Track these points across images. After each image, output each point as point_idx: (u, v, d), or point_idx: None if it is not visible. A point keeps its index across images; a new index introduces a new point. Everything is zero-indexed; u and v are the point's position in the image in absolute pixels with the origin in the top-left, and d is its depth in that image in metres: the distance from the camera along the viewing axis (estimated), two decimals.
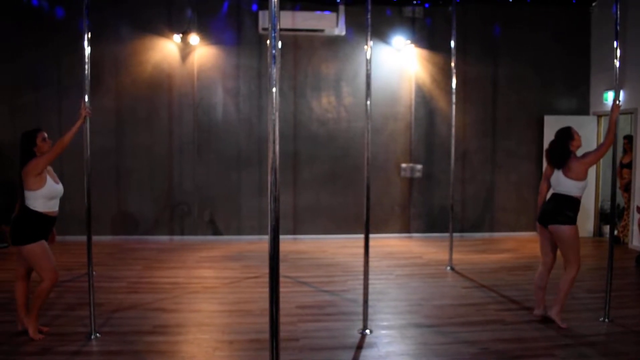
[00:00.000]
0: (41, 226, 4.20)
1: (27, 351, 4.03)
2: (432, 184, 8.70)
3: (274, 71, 2.39)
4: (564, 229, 4.54)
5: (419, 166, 8.63)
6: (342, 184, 8.51)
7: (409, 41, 8.41)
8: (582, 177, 4.56)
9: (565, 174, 4.57)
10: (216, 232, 8.40)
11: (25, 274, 4.39)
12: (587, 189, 8.52)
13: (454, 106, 6.68)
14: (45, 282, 4.18)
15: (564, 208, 4.57)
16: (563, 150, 4.63)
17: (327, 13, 8.08)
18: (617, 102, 4.73)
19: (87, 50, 4.31)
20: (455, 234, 7.30)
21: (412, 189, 8.70)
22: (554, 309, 4.72)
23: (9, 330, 4.38)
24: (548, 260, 4.85)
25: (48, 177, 4.22)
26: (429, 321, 4.83)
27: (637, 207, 6.95)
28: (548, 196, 4.84)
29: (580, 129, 8.46)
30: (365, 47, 4.52)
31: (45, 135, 4.26)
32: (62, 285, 5.63)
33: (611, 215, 5.25)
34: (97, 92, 7.60)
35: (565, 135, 4.68)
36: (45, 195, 4.18)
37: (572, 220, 4.57)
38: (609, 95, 8.23)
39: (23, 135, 4.25)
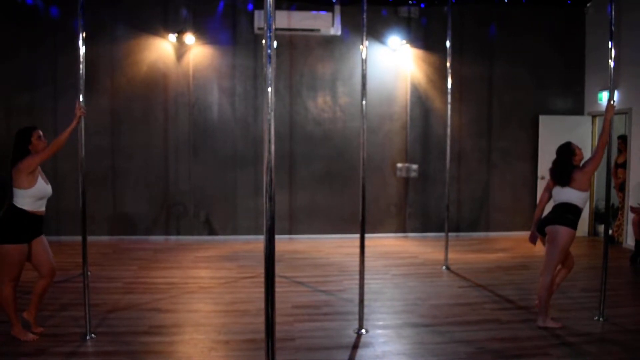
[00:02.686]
0: (28, 225, 4.16)
1: (22, 352, 4.01)
2: (427, 184, 8.71)
3: (270, 71, 2.39)
4: (561, 229, 4.47)
5: (415, 166, 8.65)
6: (337, 183, 8.51)
7: (404, 41, 8.42)
8: (585, 187, 4.53)
9: (570, 185, 4.52)
10: (212, 232, 8.39)
11: (51, 268, 4.33)
12: None
13: (449, 106, 6.69)
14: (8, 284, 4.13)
15: (565, 212, 4.51)
16: (566, 168, 4.56)
17: (322, 13, 8.08)
18: (612, 102, 4.75)
19: (82, 49, 4.30)
20: (450, 234, 7.31)
21: (408, 189, 8.71)
22: (539, 319, 4.66)
23: (5, 331, 4.36)
24: (568, 262, 4.75)
25: (39, 177, 4.20)
26: (425, 321, 4.83)
27: (631, 207, 6.98)
28: (547, 208, 4.75)
29: (575, 129, 8.64)
30: (361, 47, 4.53)
31: (41, 133, 4.23)
32: (58, 286, 5.61)
33: (606, 215, 5.27)
34: (92, 91, 7.58)
35: (567, 153, 4.60)
36: (35, 194, 4.15)
37: (572, 223, 4.49)
38: (604, 95, 8.27)
39: (18, 132, 4.20)
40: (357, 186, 4.75)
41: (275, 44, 2.43)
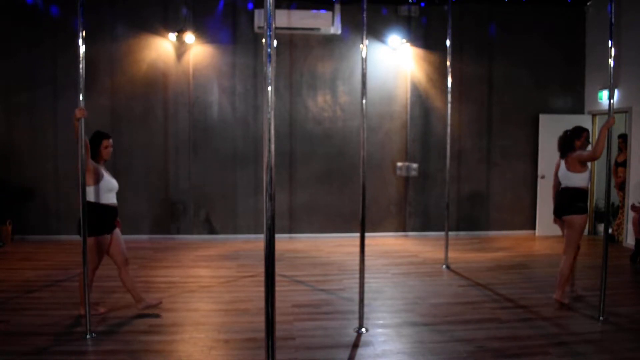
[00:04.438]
0: (105, 217, 4.60)
1: (22, 351, 4.02)
2: (427, 183, 8.71)
3: (270, 70, 2.39)
4: (575, 218, 5.11)
5: (415, 165, 8.65)
6: (337, 182, 8.51)
7: (404, 40, 8.42)
8: (577, 169, 5.13)
9: (568, 168, 5.18)
10: (212, 231, 8.39)
11: (122, 259, 4.76)
12: None
13: (449, 105, 6.69)
14: (87, 273, 4.49)
15: (574, 200, 5.15)
16: (569, 144, 5.21)
17: (322, 12, 8.08)
18: (613, 116, 4.90)
19: (82, 48, 4.30)
20: (450, 233, 7.32)
21: (408, 188, 8.71)
22: (557, 292, 5.23)
23: (4, 330, 4.37)
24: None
25: (105, 173, 4.61)
26: (425, 319, 4.84)
27: (632, 206, 6.98)
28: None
29: None
30: (361, 45, 4.53)
31: (109, 143, 4.68)
32: (58, 285, 5.62)
33: (606, 214, 5.28)
34: (92, 91, 7.58)
35: (577, 133, 5.23)
36: (102, 187, 4.56)
37: (583, 210, 5.13)
38: (604, 94, 8.27)
39: (93, 134, 4.64)
40: (357, 185, 4.75)
41: (275, 43, 2.43)
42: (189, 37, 7.98)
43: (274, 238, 2.45)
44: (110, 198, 4.64)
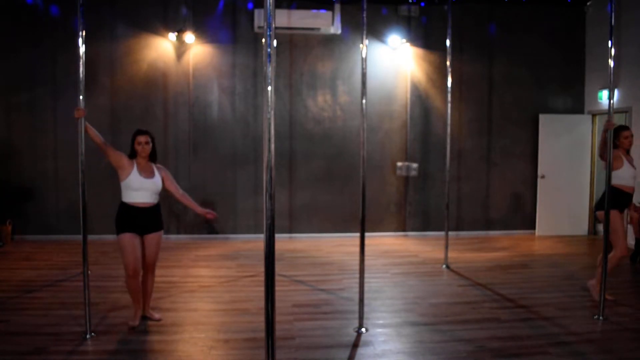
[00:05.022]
0: (128, 216, 4.43)
1: (22, 351, 4.02)
2: (427, 183, 8.71)
3: (270, 70, 2.39)
4: (606, 214, 5.05)
5: (415, 165, 8.65)
6: (337, 182, 8.51)
7: (404, 40, 8.42)
8: (615, 166, 5.16)
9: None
10: (212, 231, 8.39)
11: (147, 264, 4.59)
12: (582, 188, 8.65)
13: (449, 105, 6.69)
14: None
15: (609, 197, 5.07)
16: (613, 143, 5.16)
17: (322, 12, 8.08)
18: (611, 120, 4.95)
19: (82, 48, 4.30)
20: (450, 233, 7.31)
21: (408, 188, 8.71)
22: (592, 281, 5.45)
23: (4, 330, 4.37)
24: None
25: (134, 171, 4.43)
26: (425, 319, 4.84)
27: (633, 206, 6.97)
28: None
29: (575, 127, 8.67)
30: (361, 45, 4.53)
31: (144, 140, 4.49)
32: (58, 285, 5.62)
33: (606, 214, 5.27)
34: (92, 90, 7.58)
35: (615, 134, 5.24)
36: (126, 185, 4.43)
37: (613, 207, 5.09)
38: (604, 94, 8.27)
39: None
40: (357, 185, 4.75)
41: (275, 42, 2.43)
42: (189, 37, 7.98)
43: (274, 238, 2.45)
44: (133, 196, 4.43)
